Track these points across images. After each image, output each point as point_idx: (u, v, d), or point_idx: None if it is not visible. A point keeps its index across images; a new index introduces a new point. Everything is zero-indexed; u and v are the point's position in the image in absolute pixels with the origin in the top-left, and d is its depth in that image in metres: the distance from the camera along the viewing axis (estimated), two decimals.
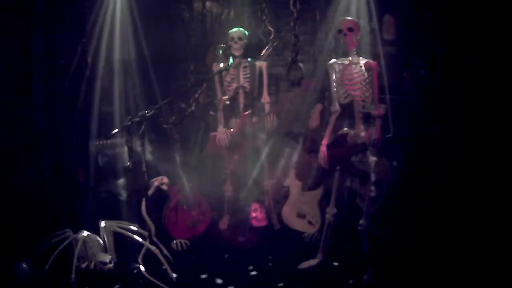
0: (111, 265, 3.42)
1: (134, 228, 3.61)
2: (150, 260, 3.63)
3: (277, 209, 4.64)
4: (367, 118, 3.78)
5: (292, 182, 4.57)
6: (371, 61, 3.78)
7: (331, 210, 3.96)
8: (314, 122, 4.50)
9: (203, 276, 3.81)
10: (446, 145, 3.83)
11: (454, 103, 3.86)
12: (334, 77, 3.83)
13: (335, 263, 3.93)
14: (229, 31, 4.49)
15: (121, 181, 4.64)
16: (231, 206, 4.65)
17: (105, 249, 3.50)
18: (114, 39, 4.70)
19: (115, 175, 4.68)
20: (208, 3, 5.13)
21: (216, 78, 4.50)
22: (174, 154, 4.62)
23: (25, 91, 4.24)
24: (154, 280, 3.52)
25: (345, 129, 3.89)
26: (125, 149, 4.34)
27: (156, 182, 3.97)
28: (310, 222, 4.45)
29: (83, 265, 3.42)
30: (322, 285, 3.68)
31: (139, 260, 3.56)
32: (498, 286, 3.25)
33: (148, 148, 4.50)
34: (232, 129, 4.55)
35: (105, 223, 3.54)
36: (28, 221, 3.99)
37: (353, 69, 3.78)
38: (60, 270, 3.43)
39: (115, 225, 3.54)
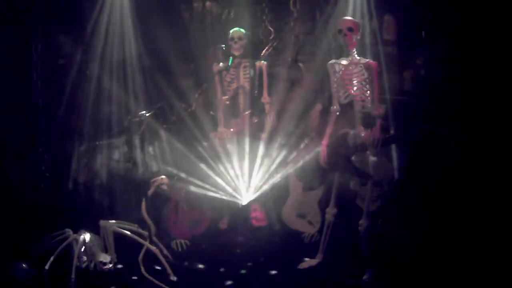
0: (111, 265, 3.42)
1: (134, 228, 3.60)
2: (150, 260, 3.63)
3: (277, 209, 4.63)
4: (367, 118, 3.78)
5: (293, 182, 4.57)
6: (371, 61, 3.78)
7: (331, 210, 3.95)
8: (314, 122, 4.49)
9: (203, 276, 3.81)
10: (446, 144, 3.83)
11: (454, 103, 3.86)
12: (334, 77, 3.83)
13: (335, 263, 3.92)
14: (229, 31, 4.49)
15: (121, 181, 4.65)
16: (231, 206, 4.64)
17: (105, 249, 3.50)
18: (114, 39, 4.70)
19: (115, 175, 4.68)
20: (208, 3, 5.12)
21: (216, 78, 4.49)
22: (174, 154, 4.62)
23: (25, 91, 4.24)
24: (154, 280, 3.52)
25: (345, 129, 3.88)
26: (125, 148, 4.36)
27: (156, 182, 3.96)
28: (310, 222, 4.44)
29: (83, 265, 3.42)
30: (322, 285, 3.68)
31: (139, 260, 3.56)
32: (498, 286, 3.25)
33: (148, 148, 4.51)
34: (232, 129, 4.55)
35: (105, 223, 3.54)
36: (28, 221, 4.00)
37: (353, 69, 3.78)
38: (60, 270, 3.43)
39: (115, 225, 3.54)
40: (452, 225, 3.66)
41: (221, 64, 4.47)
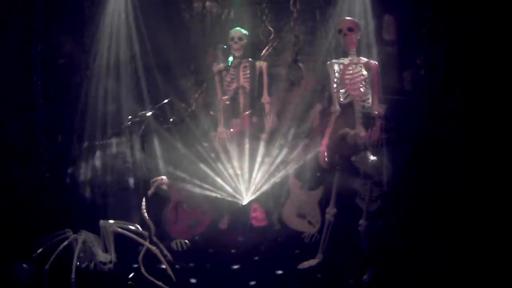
0: (111, 265, 3.42)
1: (134, 228, 3.61)
2: (150, 260, 3.63)
3: (277, 209, 4.63)
4: (367, 118, 3.78)
5: (293, 182, 4.57)
6: (371, 61, 3.78)
7: (331, 210, 3.96)
8: (314, 122, 4.49)
9: (203, 276, 3.81)
10: (446, 145, 3.83)
11: (454, 103, 3.86)
12: (334, 77, 3.83)
13: (335, 263, 3.92)
14: (229, 31, 4.49)
15: (121, 181, 4.65)
16: (231, 206, 4.64)
17: (105, 249, 3.50)
18: (114, 39, 4.70)
19: (115, 175, 4.68)
20: (208, 3, 5.12)
21: (216, 78, 4.50)
22: (174, 154, 4.62)
23: (25, 91, 4.24)
24: (154, 280, 3.52)
25: (345, 129, 3.88)
26: (125, 148, 4.36)
27: (156, 182, 3.96)
28: (310, 222, 4.44)
29: (83, 265, 3.42)
30: (322, 285, 3.68)
31: (139, 260, 3.56)
32: (498, 286, 3.25)
33: (148, 148, 4.51)
34: (232, 129, 4.55)
35: (105, 223, 3.54)
36: (28, 221, 4.00)
37: (353, 69, 3.78)
38: (60, 270, 3.43)
39: (115, 225, 3.54)
40: (452, 225, 3.66)
41: (221, 64, 4.47)
